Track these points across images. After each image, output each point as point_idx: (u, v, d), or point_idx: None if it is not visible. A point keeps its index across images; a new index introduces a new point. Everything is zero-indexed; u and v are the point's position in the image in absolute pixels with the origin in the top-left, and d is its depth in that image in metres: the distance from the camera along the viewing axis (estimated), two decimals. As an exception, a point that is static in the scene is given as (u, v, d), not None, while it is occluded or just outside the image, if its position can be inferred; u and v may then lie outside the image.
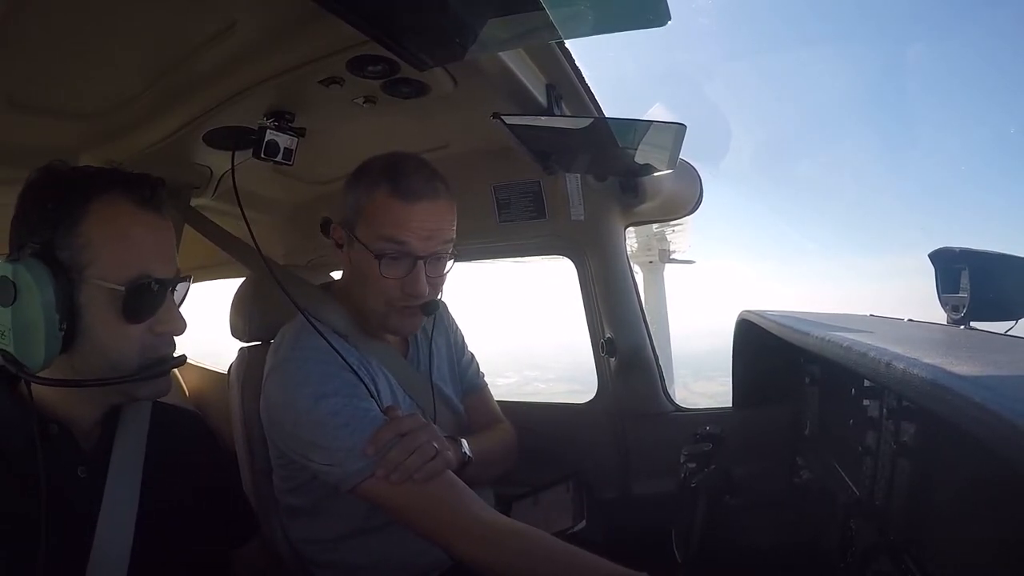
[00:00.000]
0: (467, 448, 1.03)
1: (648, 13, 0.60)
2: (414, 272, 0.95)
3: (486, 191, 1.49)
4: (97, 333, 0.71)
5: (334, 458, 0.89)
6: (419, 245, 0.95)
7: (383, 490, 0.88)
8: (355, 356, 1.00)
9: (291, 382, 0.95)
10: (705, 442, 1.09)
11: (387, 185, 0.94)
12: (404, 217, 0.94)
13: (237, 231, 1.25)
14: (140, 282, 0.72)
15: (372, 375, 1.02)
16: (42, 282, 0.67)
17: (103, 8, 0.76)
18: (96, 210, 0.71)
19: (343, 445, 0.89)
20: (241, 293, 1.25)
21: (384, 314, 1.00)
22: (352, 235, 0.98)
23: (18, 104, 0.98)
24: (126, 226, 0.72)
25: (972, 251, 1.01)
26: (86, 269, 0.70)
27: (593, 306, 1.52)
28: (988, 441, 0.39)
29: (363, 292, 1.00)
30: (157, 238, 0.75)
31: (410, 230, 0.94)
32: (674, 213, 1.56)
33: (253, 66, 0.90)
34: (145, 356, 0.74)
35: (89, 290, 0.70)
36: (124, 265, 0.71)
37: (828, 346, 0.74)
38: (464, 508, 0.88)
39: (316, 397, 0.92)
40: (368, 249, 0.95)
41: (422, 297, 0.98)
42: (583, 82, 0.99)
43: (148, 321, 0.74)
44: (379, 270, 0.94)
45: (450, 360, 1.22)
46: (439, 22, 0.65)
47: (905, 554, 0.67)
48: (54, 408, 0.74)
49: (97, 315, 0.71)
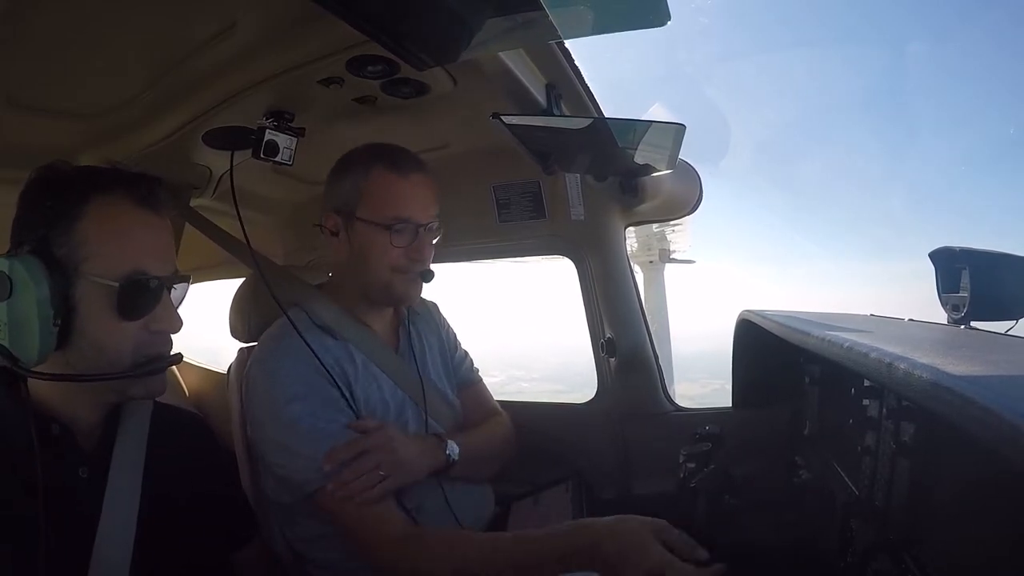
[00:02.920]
0: (453, 450, 1.06)
1: (648, 13, 0.60)
2: (419, 239, 1.04)
3: (486, 191, 1.49)
4: (92, 329, 0.72)
5: (295, 464, 0.96)
6: (420, 214, 1.03)
7: (331, 503, 0.95)
8: (342, 352, 1.04)
9: (267, 380, 1.00)
10: (704, 442, 1.09)
11: (382, 164, 1.02)
12: (404, 189, 1.02)
13: (237, 231, 1.25)
14: (134, 278, 0.72)
15: (357, 370, 1.05)
16: (37, 277, 0.67)
17: (103, 8, 0.76)
18: (94, 208, 0.72)
19: (305, 452, 0.95)
20: (240, 293, 1.25)
21: (389, 283, 1.05)
22: (352, 217, 1.04)
23: (18, 104, 0.98)
24: (123, 223, 0.73)
25: (972, 250, 1.01)
26: (82, 265, 0.70)
27: (593, 306, 1.51)
28: (988, 441, 0.39)
29: (366, 268, 1.05)
30: (154, 236, 0.76)
31: (412, 200, 1.03)
32: (674, 213, 1.56)
33: (253, 66, 0.91)
34: (140, 353, 0.75)
35: (84, 286, 0.71)
36: (119, 261, 0.72)
37: (828, 346, 0.74)
38: (380, 526, 0.95)
39: (287, 399, 0.97)
40: (375, 223, 1.02)
41: (426, 262, 1.06)
42: (583, 82, 0.99)
43: (144, 319, 0.74)
44: (390, 240, 1.01)
45: (443, 356, 1.24)
46: (439, 22, 0.65)
47: (905, 553, 0.67)
48: (55, 408, 0.74)
49: (92, 311, 0.71)
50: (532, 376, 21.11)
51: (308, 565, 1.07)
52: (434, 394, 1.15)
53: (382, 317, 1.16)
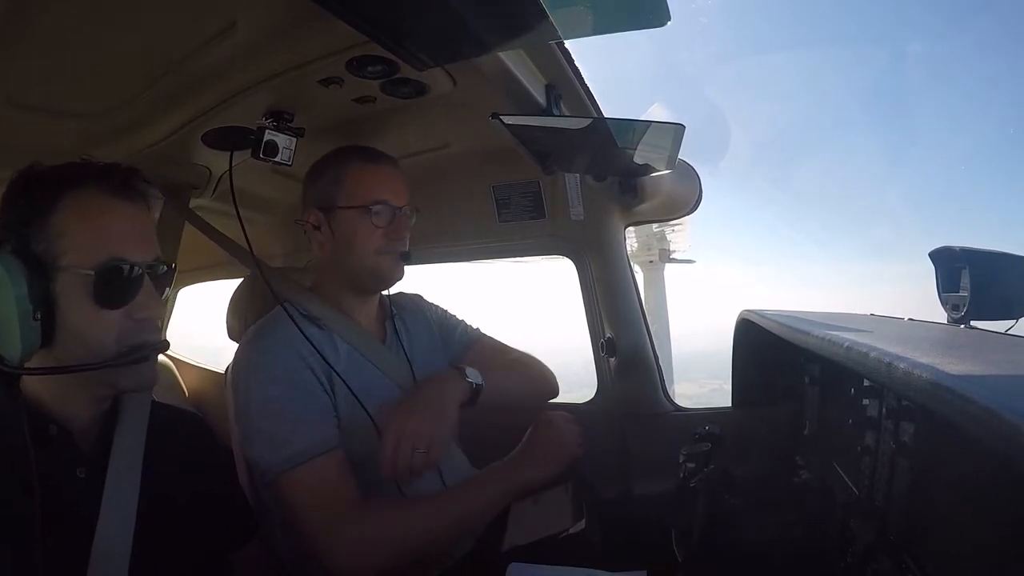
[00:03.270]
0: (475, 376, 1.08)
1: (648, 13, 0.60)
2: (396, 219, 1.11)
3: (486, 191, 1.49)
4: (73, 321, 0.72)
5: (264, 446, 0.98)
6: (395, 198, 1.11)
7: (289, 491, 0.96)
8: (327, 340, 1.08)
9: (249, 365, 1.05)
10: (704, 442, 1.09)
11: (356, 158, 1.11)
12: (379, 176, 1.11)
13: (236, 232, 1.25)
14: (110, 265, 0.72)
15: (340, 357, 1.08)
16: (14, 274, 0.68)
17: (103, 8, 0.76)
18: (69, 202, 0.73)
19: (277, 433, 0.98)
20: (237, 294, 1.25)
21: (374, 264, 1.11)
22: (333, 209, 1.10)
23: (18, 104, 0.97)
24: (96, 214, 0.74)
25: (973, 250, 1.01)
26: (60, 259, 0.71)
27: (593, 306, 1.51)
28: (988, 441, 0.39)
29: (351, 253, 1.11)
30: (130, 224, 0.76)
31: (386, 185, 1.11)
32: (674, 213, 1.56)
33: (253, 66, 0.90)
34: (123, 342, 0.74)
35: (63, 279, 0.71)
36: (94, 250, 0.72)
37: (828, 346, 0.74)
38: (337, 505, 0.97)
39: (267, 382, 1.01)
40: (356, 207, 1.09)
41: (404, 242, 1.13)
42: (582, 82, 0.99)
43: (126, 307, 0.74)
44: (371, 221, 1.09)
45: (433, 342, 1.27)
46: (439, 22, 0.65)
47: (904, 553, 0.67)
48: (51, 408, 0.74)
49: (72, 303, 0.71)
50: (512, 374, 21.25)
51: (309, 566, 1.07)
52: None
53: (367, 310, 1.18)
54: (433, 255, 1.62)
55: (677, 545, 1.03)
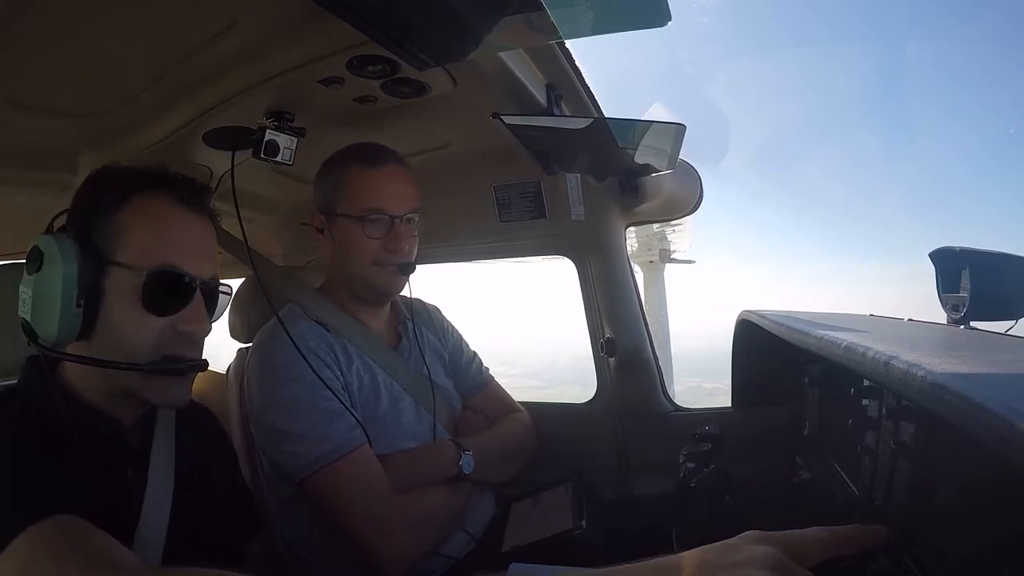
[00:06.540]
0: (467, 463, 1.08)
1: (648, 13, 0.60)
2: (393, 230, 1.06)
3: (486, 191, 1.49)
4: (115, 318, 0.72)
5: (294, 447, 0.97)
6: (393, 206, 1.06)
7: (324, 486, 0.97)
8: (335, 342, 1.07)
9: (264, 368, 1.03)
10: (704, 442, 1.09)
11: (357, 159, 1.07)
12: (376, 181, 1.06)
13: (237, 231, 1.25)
14: (163, 270, 0.72)
15: (351, 359, 1.07)
16: (67, 256, 0.69)
17: (103, 8, 0.76)
18: (137, 202, 0.74)
19: (306, 432, 0.97)
20: (240, 294, 1.25)
21: (372, 276, 1.08)
22: (333, 214, 1.08)
23: (18, 104, 0.98)
24: (160, 219, 0.74)
25: (972, 250, 1.01)
26: (116, 254, 0.72)
27: (593, 306, 1.51)
28: (988, 441, 0.39)
29: (348, 261, 1.08)
30: (191, 236, 0.77)
31: (384, 191, 1.06)
32: (674, 213, 1.56)
33: (253, 66, 0.91)
34: (161, 351, 0.73)
35: (115, 274, 0.71)
36: (150, 253, 0.72)
37: (827, 346, 0.74)
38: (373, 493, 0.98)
39: (285, 383, 1.00)
40: (350, 216, 1.05)
41: (402, 254, 1.08)
42: (583, 82, 0.99)
43: (171, 317, 0.74)
44: (364, 231, 1.04)
45: (442, 359, 1.25)
46: (439, 22, 0.65)
47: (904, 554, 0.66)
48: (103, 409, 0.75)
49: (117, 299, 0.72)
50: (512, 372, 21.36)
51: (309, 564, 1.07)
52: (437, 391, 1.16)
53: (378, 315, 1.17)
54: (433, 255, 1.63)
55: (677, 545, 1.03)
